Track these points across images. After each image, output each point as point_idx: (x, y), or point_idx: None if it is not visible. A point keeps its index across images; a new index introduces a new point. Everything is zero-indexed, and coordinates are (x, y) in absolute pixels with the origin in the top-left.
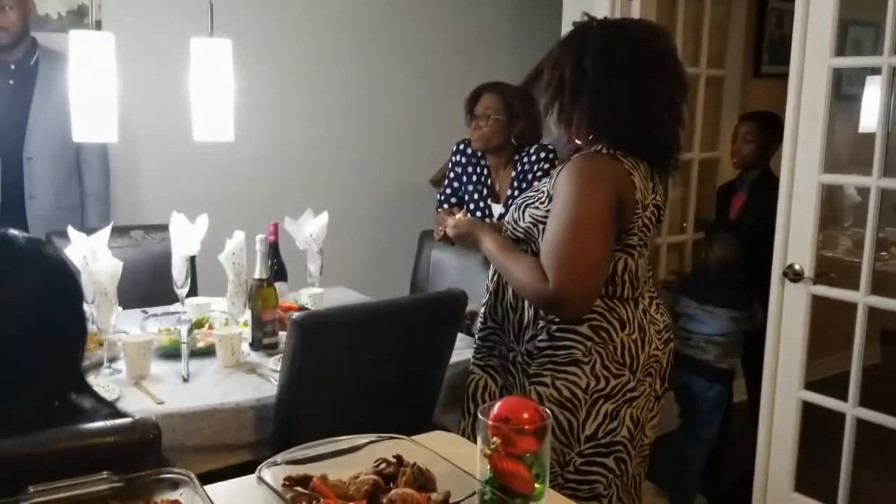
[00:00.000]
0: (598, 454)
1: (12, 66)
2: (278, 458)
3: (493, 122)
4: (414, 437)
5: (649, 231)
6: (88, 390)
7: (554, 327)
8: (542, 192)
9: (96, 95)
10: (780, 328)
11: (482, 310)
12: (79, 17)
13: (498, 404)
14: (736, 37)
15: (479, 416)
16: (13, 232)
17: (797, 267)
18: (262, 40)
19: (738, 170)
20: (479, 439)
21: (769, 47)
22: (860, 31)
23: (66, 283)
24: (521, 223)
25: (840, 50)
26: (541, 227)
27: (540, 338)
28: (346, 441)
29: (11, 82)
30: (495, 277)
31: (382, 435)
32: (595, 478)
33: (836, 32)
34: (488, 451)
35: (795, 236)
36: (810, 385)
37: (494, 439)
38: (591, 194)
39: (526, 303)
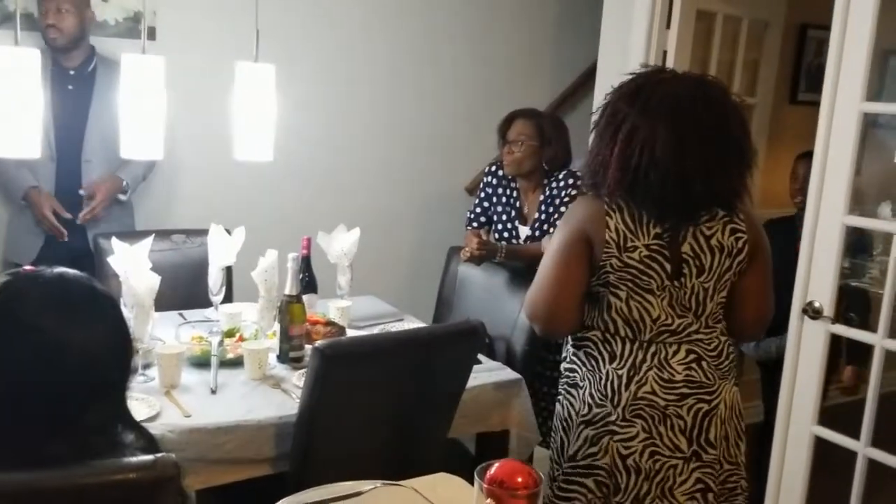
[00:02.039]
0: (578, 474)
1: (71, 72)
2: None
3: (525, 148)
4: (417, 481)
5: (642, 275)
6: (133, 424)
7: (571, 350)
8: None
9: (145, 114)
10: (797, 364)
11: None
12: (134, 24)
13: (496, 465)
14: (769, 63)
15: (476, 475)
16: (89, 279)
17: (817, 304)
18: (301, 62)
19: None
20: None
21: (807, 74)
22: None
23: (122, 334)
24: None
25: (877, 83)
26: None
27: (566, 359)
28: (349, 487)
29: (70, 87)
30: None
31: (386, 482)
32: (574, 495)
33: (870, 75)
34: None
35: (817, 273)
36: (827, 410)
37: (489, 500)
38: (561, 228)
39: None
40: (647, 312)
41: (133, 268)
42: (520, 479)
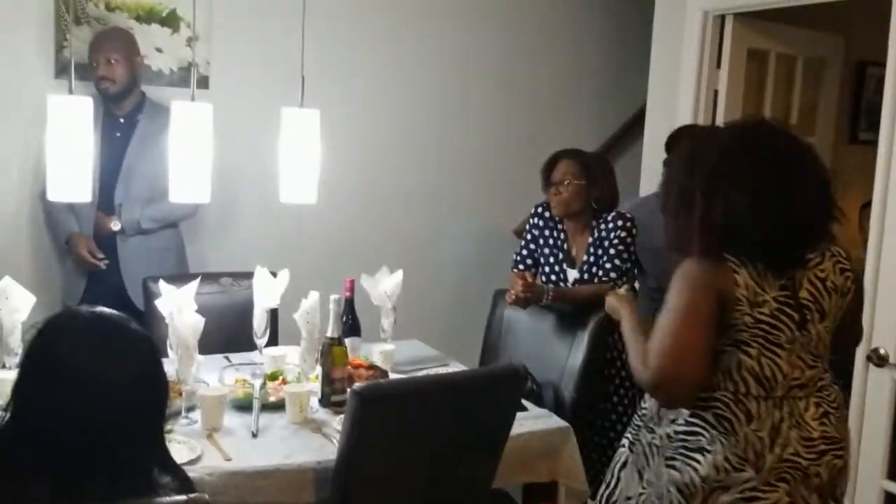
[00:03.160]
0: None
1: (121, 120)
2: None
3: (571, 187)
4: None
5: (774, 330)
6: (170, 466)
7: (688, 412)
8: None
9: (193, 160)
10: (863, 414)
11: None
12: (188, 73)
13: None
14: (828, 102)
15: None
16: (125, 319)
17: (882, 351)
18: (345, 107)
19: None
20: None
21: (867, 113)
22: None
23: (157, 374)
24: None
25: None
26: None
27: (678, 422)
28: None
29: (118, 135)
30: None
31: None
32: None
33: None
34: None
35: (882, 319)
36: None
37: None
38: (689, 290)
39: None
40: (779, 368)
41: (178, 309)
42: None
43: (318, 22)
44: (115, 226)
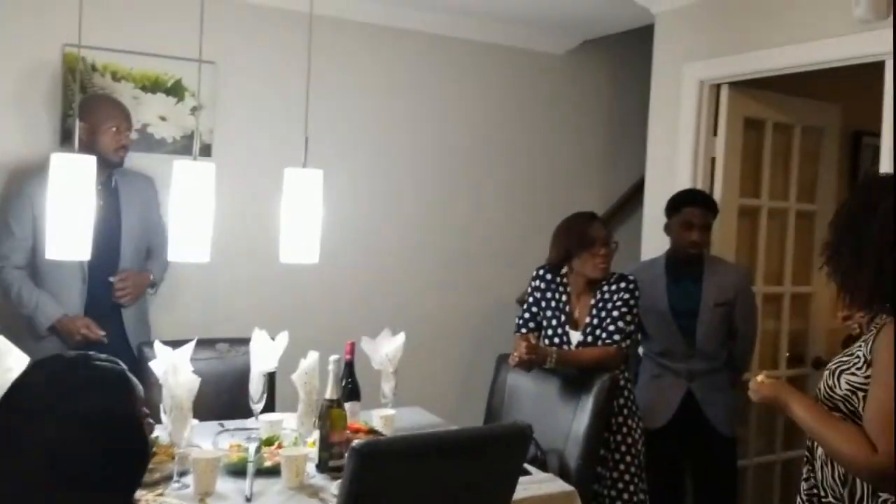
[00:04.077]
0: None
1: (99, 187)
2: None
3: (614, 249)
4: None
5: None
6: None
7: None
8: (858, 357)
9: (194, 219)
10: None
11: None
12: (191, 141)
13: None
14: (828, 171)
15: None
16: (96, 356)
17: None
18: (349, 169)
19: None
20: None
21: None
22: None
23: (130, 410)
24: (838, 390)
25: None
26: (860, 394)
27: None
28: None
29: (100, 203)
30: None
31: None
32: None
33: None
34: None
35: None
36: None
37: None
38: None
39: None
40: None
41: (173, 369)
42: None
43: (323, 86)
44: (151, 286)
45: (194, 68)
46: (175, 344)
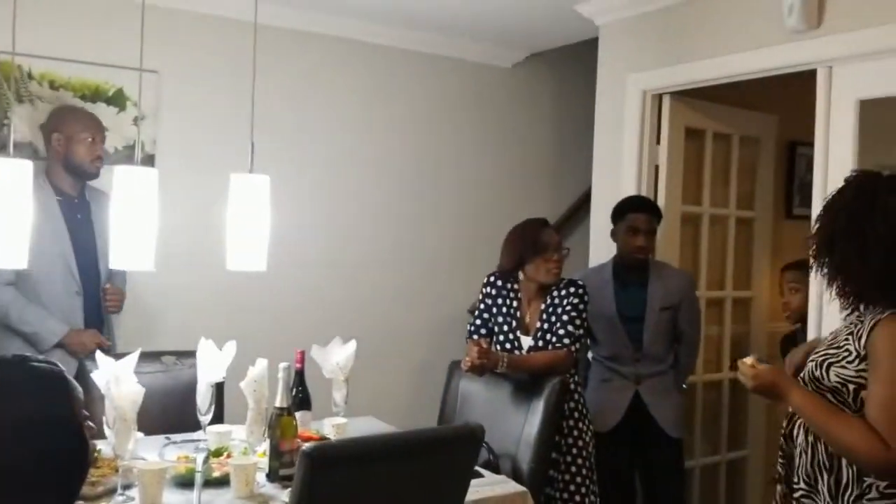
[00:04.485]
0: None
1: (76, 200)
2: None
3: (566, 255)
4: None
5: None
6: None
7: (883, 484)
8: (848, 350)
9: (136, 227)
10: None
11: (797, 470)
12: (133, 151)
13: None
14: (765, 179)
15: None
16: (34, 357)
17: None
18: (297, 176)
19: (795, 324)
20: None
21: (800, 190)
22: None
23: (69, 413)
24: (827, 382)
25: None
26: (851, 386)
27: (869, 496)
28: None
29: (79, 216)
30: (807, 437)
31: None
32: None
33: None
34: None
35: None
36: None
37: None
38: None
39: (843, 461)
40: None
41: (115, 380)
42: None
43: (268, 96)
44: None
45: (136, 77)
46: (118, 356)
